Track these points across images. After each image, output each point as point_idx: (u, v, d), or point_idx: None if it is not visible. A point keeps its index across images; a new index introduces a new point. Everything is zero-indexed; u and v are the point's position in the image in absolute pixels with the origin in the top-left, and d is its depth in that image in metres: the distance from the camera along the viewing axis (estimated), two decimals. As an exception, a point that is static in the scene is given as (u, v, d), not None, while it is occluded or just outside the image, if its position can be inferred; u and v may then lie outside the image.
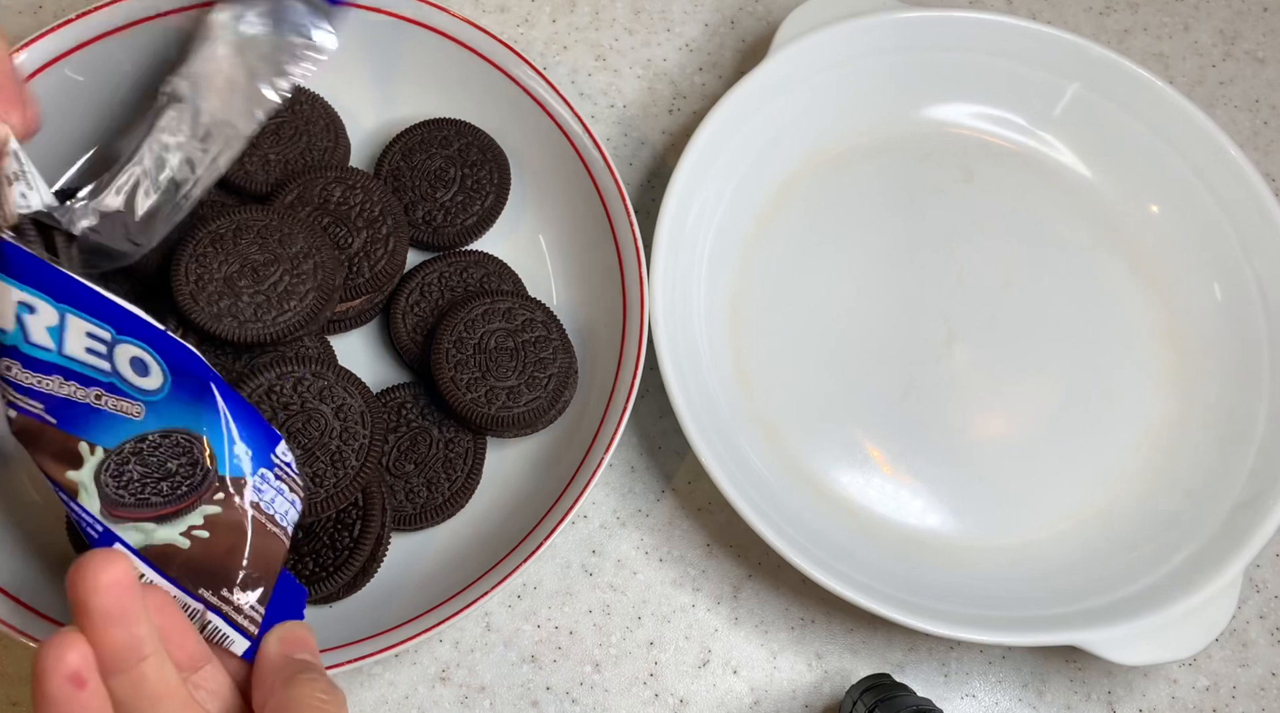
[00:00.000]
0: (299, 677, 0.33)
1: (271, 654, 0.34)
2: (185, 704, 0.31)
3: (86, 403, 0.34)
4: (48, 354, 0.34)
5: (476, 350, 0.47)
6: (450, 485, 0.47)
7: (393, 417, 0.48)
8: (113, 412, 0.35)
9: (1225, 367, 0.53)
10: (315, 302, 0.45)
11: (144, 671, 0.29)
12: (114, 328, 0.35)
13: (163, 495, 0.35)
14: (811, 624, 0.50)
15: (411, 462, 0.47)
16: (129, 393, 0.35)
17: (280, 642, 0.35)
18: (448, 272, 0.50)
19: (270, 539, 0.37)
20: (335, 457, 0.43)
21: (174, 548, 0.34)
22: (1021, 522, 0.51)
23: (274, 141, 0.50)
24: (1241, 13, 0.64)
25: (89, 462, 0.34)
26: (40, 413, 0.34)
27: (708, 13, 0.61)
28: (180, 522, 0.35)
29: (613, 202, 0.49)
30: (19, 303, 0.34)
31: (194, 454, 0.36)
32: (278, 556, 0.37)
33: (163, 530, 0.34)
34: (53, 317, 0.34)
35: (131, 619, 0.29)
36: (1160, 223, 0.56)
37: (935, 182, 0.56)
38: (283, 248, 0.45)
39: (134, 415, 0.35)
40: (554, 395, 0.47)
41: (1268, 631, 0.51)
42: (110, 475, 0.34)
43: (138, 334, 0.36)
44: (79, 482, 0.34)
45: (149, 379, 0.36)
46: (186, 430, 0.36)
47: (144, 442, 0.35)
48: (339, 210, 0.48)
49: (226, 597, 0.35)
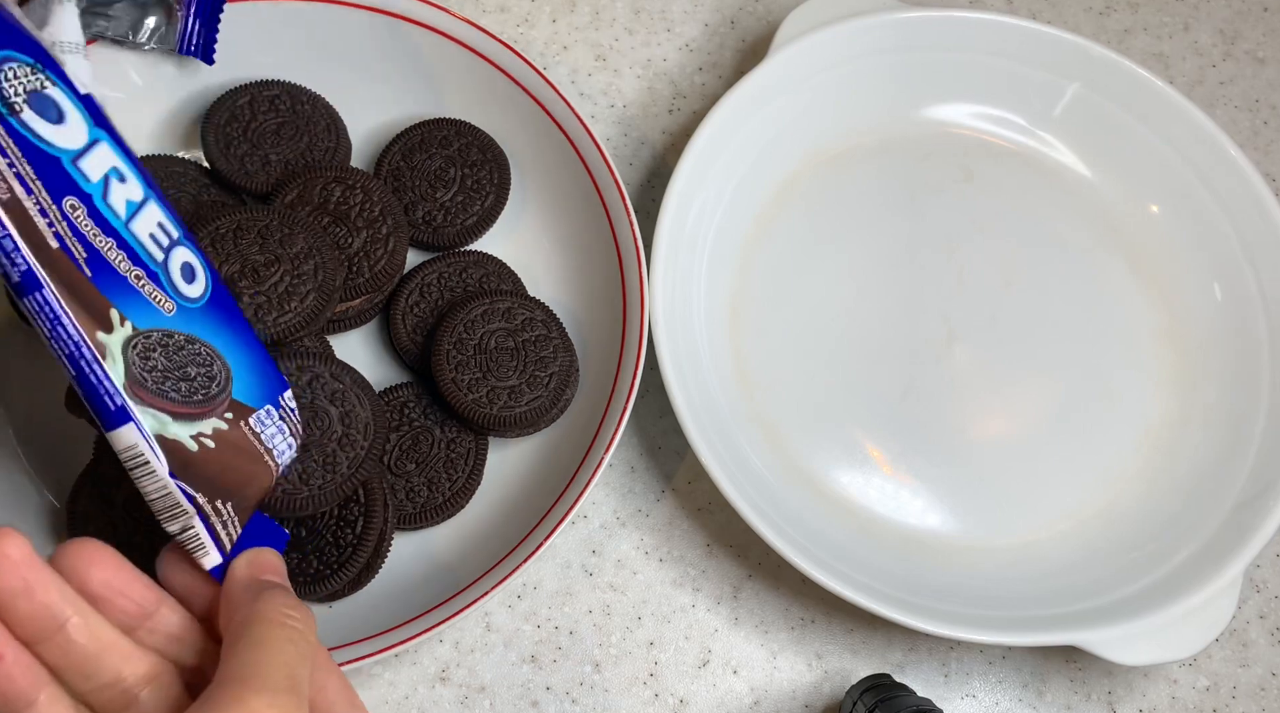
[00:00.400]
0: (266, 592, 0.33)
1: (240, 574, 0.34)
2: (127, 656, 0.31)
3: (126, 277, 0.35)
4: (115, 219, 0.35)
5: (477, 351, 0.47)
6: (451, 485, 0.47)
7: (395, 416, 0.48)
8: (147, 296, 0.35)
9: (1225, 367, 0.53)
10: (316, 303, 0.45)
11: (69, 634, 0.30)
12: (181, 232, 0.37)
13: (181, 395, 0.35)
14: (811, 624, 0.50)
15: (413, 461, 0.47)
16: (167, 289, 0.36)
17: (250, 564, 0.35)
18: (447, 272, 0.50)
19: (263, 468, 0.38)
20: (329, 460, 0.43)
21: (182, 447, 0.35)
22: (1021, 522, 0.51)
23: (275, 141, 0.50)
24: (1241, 13, 0.64)
25: (119, 331, 0.34)
26: (80, 261, 0.34)
27: (708, 13, 0.61)
28: (192, 425, 0.35)
29: (613, 202, 0.49)
30: (113, 167, 0.35)
31: (213, 369, 0.36)
32: (264, 486, 0.38)
33: (176, 427, 0.35)
34: (138, 193, 0.36)
35: (37, 590, 0.29)
36: (1160, 223, 0.56)
37: (935, 182, 0.56)
38: (283, 248, 0.45)
39: (165, 309, 0.36)
40: (555, 394, 0.47)
41: (1268, 631, 0.51)
42: (138, 354, 0.34)
43: (196, 249, 0.38)
44: (108, 346, 0.33)
45: (192, 287, 0.37)
46: (210, 346, 0.37)
47: (171, 338, 0.35)
48: (339, 210, 0.48)
49: (219, 506, 0.35)
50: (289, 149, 0.50)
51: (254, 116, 0.50)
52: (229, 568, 0.35)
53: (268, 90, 0.51)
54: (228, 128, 0.50)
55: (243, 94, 0.51)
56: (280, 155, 0.50)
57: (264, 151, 0.50)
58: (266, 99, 0.51)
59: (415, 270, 0.50)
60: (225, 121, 0.50)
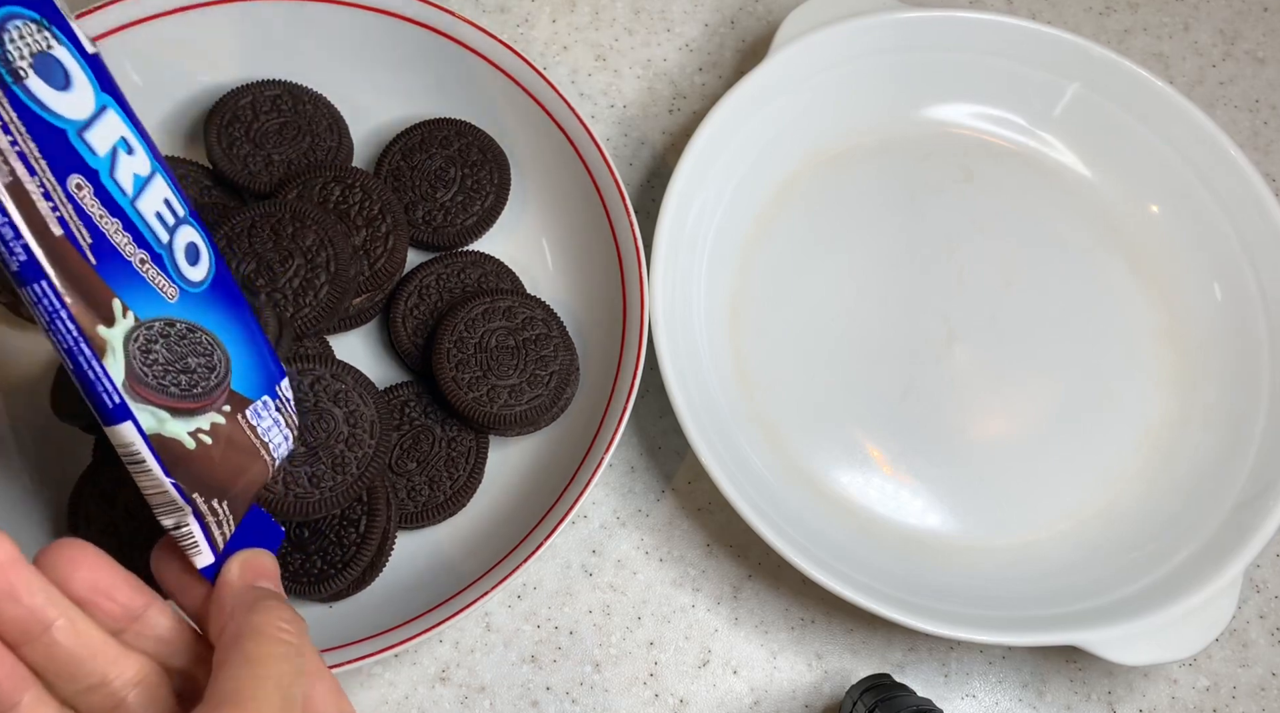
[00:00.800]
0: (260, 603, 0.32)
1: (233, 579, 0.34)
2: (114, 659, 0.31)
3: (130, 262, 0.33)
4: (122, 197, 0.33)
5: (477, 350, 0.47)
6: (453, 484, 0.47)
7: (395, 415, 0.48)
8: (150, 282, 0.34)
9: (1225, 367, 0.53)
10: (331, 295, 0.45)
11: (54, 636, 0.30)
12: (187, 209, 0.36)
13: (180, 388, 0.34)
14: (811, 624, 0.50)
15: (414, 460, 0.47)
16: (171, 273, 0.35)
17: (242, 567, 0.34)
18: (446, 272, 0.50)
19: (259, 463, 0.37)
20: (338, 461, 0.43)
21: (180, 445, 0.34)
22: (1021, 522, 0.51)
23: (277, 142, 0.50)
24: (1242, 12, 0.64)
25: (120, 324, 0.32)
26: (85, 248, 0.32)
27: (708, 13, 0.61)
28: (190, 421, 0.34)
29: (613, 201, 0.49)
30: (120, 138, 0.34)
31: (213, 359, 0.35)
32: (260, 481, 0.37)
33: (174, 424, 0.34)
34: (145, 167, 0.34)
35: (22, 593, 0.29)
36: (1160, 223, 0.56)
37: (935, 181, 0.56)
38: (295, 242, 0.45)
39: (168, 296, 0.34)
40: (556, 393, 0.47)
41: (1268, 631, 0.51)
42: (139, 348, 0.33)
43: (201, 228, 0.36)
44: (109, 341, 0.32)
45: (196, 269, 0.36)
46: (211, 334, 0.36)
47: (173, 327, 0.34)
48: (339, 209, 0.48)
49: (215, 506, 0.34)
50: (291, 149, 0.50)
51: (256, 116, 0.50)
52: (221, 570, 0.35)
53: (269, 90, 0.51)
54: (230, 128, 0.50)
55: (245, 94, 0.51)
56: (283, 155, 0.50)
57: (266, 151, 0.50)
58: (269, 99, 0.51)
59: (415, 271, 0.50)
60: (228, 122, 0.50)
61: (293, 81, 0.52)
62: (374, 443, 0.43)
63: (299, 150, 0.50)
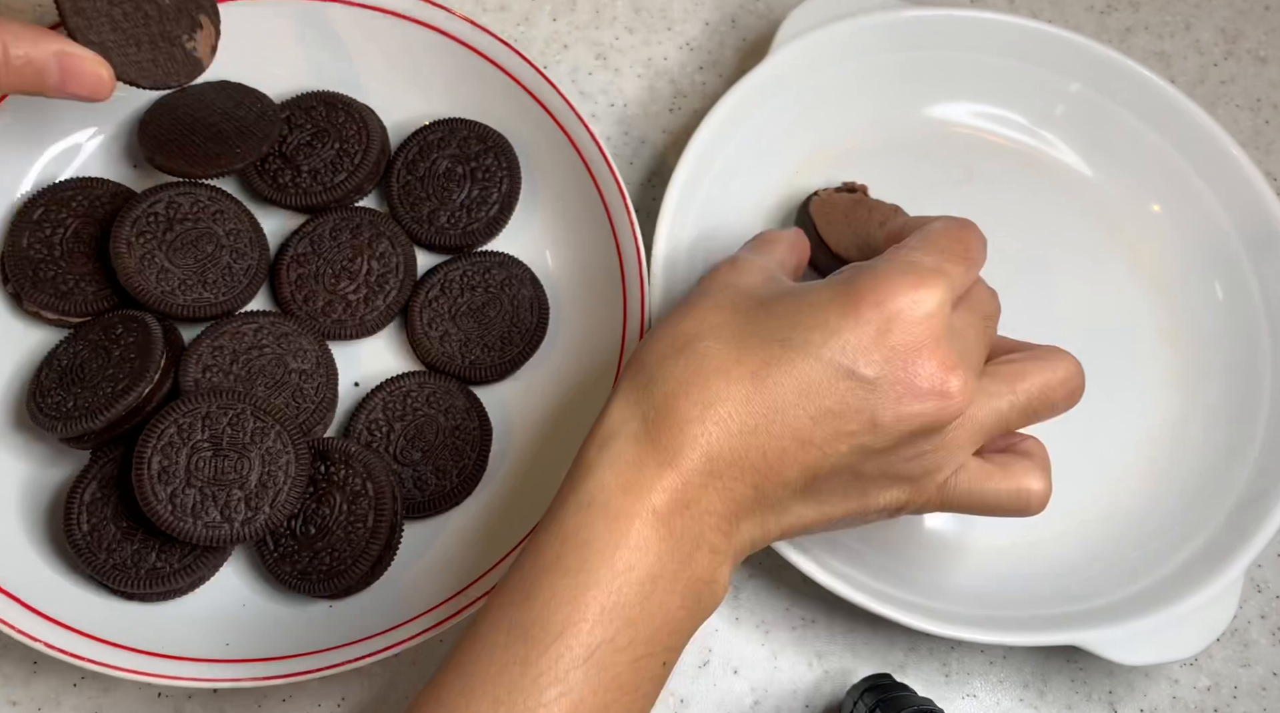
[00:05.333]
0: None
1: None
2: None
3: None
4: None
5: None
6: (459, 472, 0.48)
7: (398, 405, 0.48)
8: None
9: (1226, 366, 0.53)
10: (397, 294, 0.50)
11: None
12: None
13: None
14: (812, 624, 0.50)
15: (419, 450, 0.47)
16: None
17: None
18: (470, 270, 0.51)
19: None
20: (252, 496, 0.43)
21: None
22: (1022, 522, 0.50)
23: (307, 154, 0.51)
24: (1243, 11, 0.63)
25: None
26: None
27: (708, 11, 0.61)
28: None
29: (613, 201, 0.49)
30: None
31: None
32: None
33: None
34: None
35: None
36: (1161, 222, 0.56)
37: (936, 181, 0.56)
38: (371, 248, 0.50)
39: None
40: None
41: (1269, 631, 0.51)
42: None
43: None
44: None
45: None
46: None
47: None
48: None
49: None
50: (318, 160, 0.51)
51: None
52: None
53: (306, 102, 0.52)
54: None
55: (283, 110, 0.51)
56: (310, 165, 0.51)
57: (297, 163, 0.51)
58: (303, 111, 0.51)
59: (433, 271, 0.51)
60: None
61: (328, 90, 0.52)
62: (288, 485, 0.44)
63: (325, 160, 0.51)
